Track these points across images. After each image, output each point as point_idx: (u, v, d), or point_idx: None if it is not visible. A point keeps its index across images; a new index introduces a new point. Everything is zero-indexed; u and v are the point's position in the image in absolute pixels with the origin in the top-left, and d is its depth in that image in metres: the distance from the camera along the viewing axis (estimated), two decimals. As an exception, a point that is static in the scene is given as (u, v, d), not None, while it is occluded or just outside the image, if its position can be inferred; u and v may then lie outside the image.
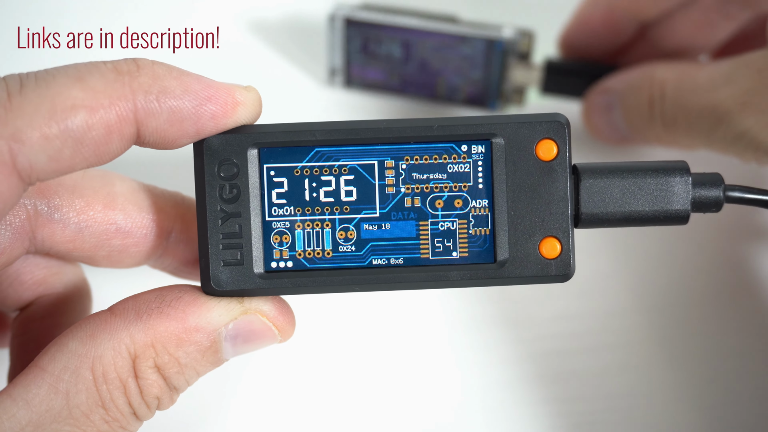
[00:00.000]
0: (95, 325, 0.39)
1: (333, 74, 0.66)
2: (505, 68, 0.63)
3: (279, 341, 0.42)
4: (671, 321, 0.40)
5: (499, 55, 0.63)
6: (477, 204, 0.41)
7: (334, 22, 0.64)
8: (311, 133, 0.41)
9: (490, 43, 0.62)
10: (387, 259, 0.41)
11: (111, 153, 0.38)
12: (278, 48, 0.69)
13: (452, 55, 0.64)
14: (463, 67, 0.64)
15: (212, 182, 0.41)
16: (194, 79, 0.39)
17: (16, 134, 0.35)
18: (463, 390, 0.56)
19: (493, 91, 0.64)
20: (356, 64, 0.65)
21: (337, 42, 0.65)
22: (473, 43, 0.63)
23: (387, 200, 0.41)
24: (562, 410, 0.56)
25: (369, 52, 0.64)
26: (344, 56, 0.65)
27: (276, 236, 0.41)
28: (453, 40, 0.63)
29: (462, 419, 0.50)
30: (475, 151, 0.41)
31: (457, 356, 0.48)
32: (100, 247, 0.44)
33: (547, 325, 0.58)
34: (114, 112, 0.37)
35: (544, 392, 0.56)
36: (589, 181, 0.41)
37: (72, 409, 0.38)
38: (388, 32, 0.64)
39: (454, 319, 0.57)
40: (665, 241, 0.60)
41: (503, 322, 0.50)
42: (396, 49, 0.64)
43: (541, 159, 0.41)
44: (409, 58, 0.64)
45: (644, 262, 0.59)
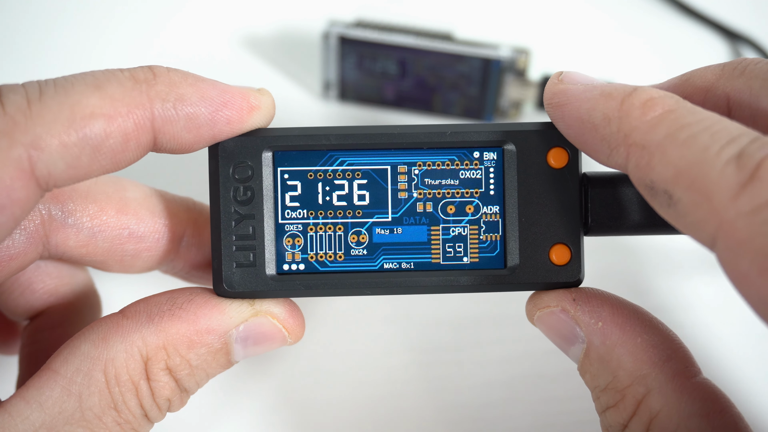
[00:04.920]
0: (107, 328, 0.39)
1: (327, 88, 0.67)
2: (502, 85, 0.64)
3: (289, 343, 0.42)
4: (672, 324, 0.40)
5: (497, 73, 0.63)
6: (488, 210, 0.42)
7: (328, 40, 0.64)
8: (326, 138, 0.41)
9: (486, 62, 0.63)
10: (398, 263, 0.42)
11: (127, 160, 0.38)
12: (272, 62, 0.70)
13: (449, 73, 0.64)
14: (460, 84, 0.64)
15: (226, 184, 0.41)
16: (209, 84, 0.39)
17: (35, 141, 0.35)
18: (464, 388, 0.56)
19: (489, 107, 0.65)
20: (351, 79, 0.66)
21: (332, 59, 0.65)
22: (470, 61, 0.63)
23: (399, 205, 0.41)
24: (562, 409, 0.56)
25: (364, 68, 0.65)
26: (339, 71, 0.66)
27: (288, 239, 0.41)
28: (450, 59, 0.63)
29: (463, 418, 0.50)
30: (487, 157, 0.41)
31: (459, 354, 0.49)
32: (113, 252, 0.44)
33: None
34: (132, 120, 0.37)
35: (542, 392, 0.56)
36: (598, 189, 0.41)
37: (85, 411, 0.38)
38: (383, 50, 0.64)
39: (454, 317, 0.57)
40: (667, 241, 0.60)
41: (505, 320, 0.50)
42: (391, 66, 0.65)
43: (552, 166, 0.41)
44: (405, 75, 0.65)
45: (645, 262, 0.60)
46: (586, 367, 0.39)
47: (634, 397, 0.38)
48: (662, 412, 0.37)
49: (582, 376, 0.40)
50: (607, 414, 0.39)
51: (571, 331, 0.40)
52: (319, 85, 0.68)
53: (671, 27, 0.74)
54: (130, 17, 0.69)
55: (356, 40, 0.64)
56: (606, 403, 0.39)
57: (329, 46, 0.64)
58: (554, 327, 0.40)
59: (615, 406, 0.38)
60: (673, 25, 0.74)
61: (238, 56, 0.69)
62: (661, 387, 0.37)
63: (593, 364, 0.39)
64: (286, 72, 0.69)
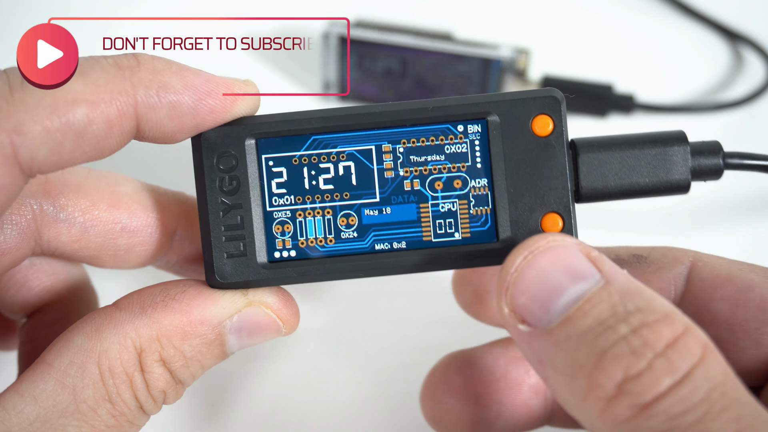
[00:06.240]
0: (101, 320, 0.39)
1: (327, 87, 0.67)
2: (502, 85, 0.64)
3: (283, 333, 0.42)
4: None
5: (497, 73, 0.63)
6: (476, 183, 0.41)
7: (328, 40, 0.65)
8: (308, 121, 0.41)
9: (487, 62, 0.63)
10: (390, 244, 0.41)
11: (111, 147, 0.38)
12: (272, 61, 0.70)
13: (449, 72, 0.64)
14: (460, 84, 0.64)
15: (212, 175, 0.41)
16: (194, 73, 0.39)
17: (17, 127, 0.35)
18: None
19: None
20: (351, 78, 0.66)
21: (332, 58, 0.65)
22: (470, 61, 0.63)
23: (386, 184, 0.41)
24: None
25: (364, 68, 0.65)
26: (338, 71, 0.66)
27: (278, 226, 0.41)
28: (450, 59, 0.64)
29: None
30: (472, 130, 0.41)
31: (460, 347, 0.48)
32: (106, 247, 0.44)
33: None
34: (115, 106, 0.37)
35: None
36: (587, 155, 0.41)
37: (79, 404, 0.38)
38: (383, 50, 0.64)
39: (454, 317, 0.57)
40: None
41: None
42: (391, 66, 0.65)
43: (537, 135, 0.41)
44: (405, 74, 0.65)
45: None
46: (598, 298, 0.36)
47: (682, 322, 0.35)
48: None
49: (588, 309, 0.36)
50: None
51: (586, 268, 0.37)
52: (319, 85, 0.68)
53: (671, 27, 0.75)
54: (130, 18, 0.70)
55: (356, 40, 0.65)
56: (633, 325, 0.35)
57: (329, 46, 0.65)
58: (564, 259, 0.37)
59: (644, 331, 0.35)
60: (673, 26, 0.75)
61: (238, 56, 0.70)
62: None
63: (612, 295, 0.36)
64: (286, 71, 0.69)
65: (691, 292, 0.44)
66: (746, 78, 0.72)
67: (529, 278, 0.37)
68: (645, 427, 0.33)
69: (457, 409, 0.47)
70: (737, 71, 0.73)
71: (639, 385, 0.33)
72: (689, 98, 0.70)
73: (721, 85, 0.72)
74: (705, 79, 0.72)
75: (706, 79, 0.72)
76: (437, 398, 0.47)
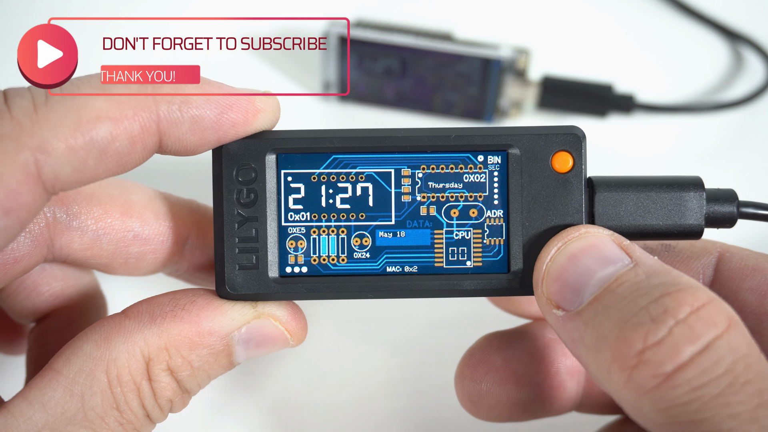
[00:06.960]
0: (109, 328, 0.39)
1: (327, 88, 0.67)
2: (502, 85, 0.64)
3: (291, 345, 0.42)
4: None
5: (497, 73, 0.63)
6: (492, 214, 0.41)
7: (328, 40, 0.64)
8: (329, 140, 0.41)
9: (487, 62, 0.63)
10: (401, 267, 0.42)
11: (133, 162, 0.38)
12: (272, 61, 0.69)
13: (449, 72, 0.64)
14: (460, 84, 0.64)
15: (230, 186, 0.41)
16: (215, 87, 0.39)
17: (42, 145, 0.35)
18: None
19: (489, 106, 0.65)
20: (351, 79, 0.66)
21: (332, 58, 0.65)
22: (471, 61, 0.63)
23: (403, 208, 0.41)
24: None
25: (364, 68, 0.65)
26: (338, 71, 0.65)
27: (291, 241, 0.41)
28: (450, 59, 0.63)
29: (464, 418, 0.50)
30: (492, 161, 0.41)
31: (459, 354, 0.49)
32: (118, 255, 0.44)
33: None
34: (138, 122, 0.37)
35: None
36: (604, 194, 0.41)
37: (87, 412, 0.38)
38: (383, 50, 0.64)
39: (454, 318, 0.57)
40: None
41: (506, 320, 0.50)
42: (391, 66, 0.65)
43: (556, 171, 0.41)
44: (405, 74, 0.65)
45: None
46: (625, 276, 0.37)
47: (707, 294, 0.35)
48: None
49: (615, 287, 0.37)
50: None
51: (617, 254, 0.38)
52: (319, 85, 0.68)
53: (671, 27, 0.74)
54: (130, 18, 0.69)
55: (356, 40, 0.64)
56: (661, 292, 0.35)
57: (329, 46, 0.64)
58: (595, 247, 0.38)
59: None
60: (674, 25, 0.75)
61: (238, 56, 0.69)
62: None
63: (639, 274, 0.37)
64: (286, 71, 0.69)
65: (719, 281, 0.45)
66: (746, 78, 0.73)
67: (562, 266, 0.38)
68: (669, 397, 0.33)
69: (496, 390, 0.46)
70: (737, 71, 0.73)
71: (659, 353, 0.33)
72: (689, 98, 0.71)
73: (721, 85, 0.72)
74: (705, 79, 0.72)
75: (706, 79, 0.73)
76: (477, 378, 0.47)
